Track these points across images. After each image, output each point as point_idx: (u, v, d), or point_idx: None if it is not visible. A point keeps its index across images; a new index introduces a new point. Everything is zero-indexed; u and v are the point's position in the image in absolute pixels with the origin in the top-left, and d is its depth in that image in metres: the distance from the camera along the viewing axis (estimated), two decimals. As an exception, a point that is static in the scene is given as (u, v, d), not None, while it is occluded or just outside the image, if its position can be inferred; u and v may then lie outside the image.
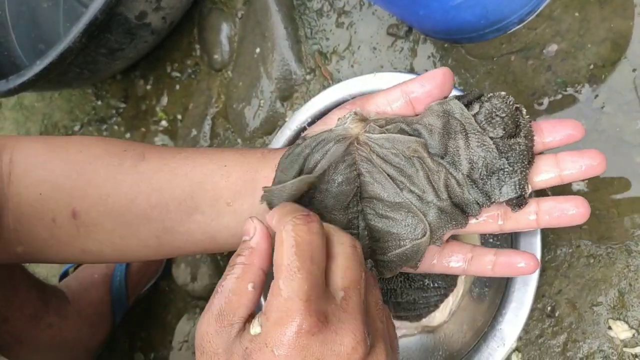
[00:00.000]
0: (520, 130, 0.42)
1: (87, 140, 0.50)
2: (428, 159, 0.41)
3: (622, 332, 0.59)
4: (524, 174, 0.41)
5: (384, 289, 0.65)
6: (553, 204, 0.42)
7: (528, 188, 0.42)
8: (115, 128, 1.03)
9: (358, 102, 0.45)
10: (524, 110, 0.42)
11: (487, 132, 0.41)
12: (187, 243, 0.48)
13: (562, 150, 0.43)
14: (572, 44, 0.66)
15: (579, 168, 0.42)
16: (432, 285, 0.66)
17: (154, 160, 0.47)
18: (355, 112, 0.43)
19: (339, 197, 0.42)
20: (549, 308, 0.63)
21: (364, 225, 0.43)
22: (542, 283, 0.63)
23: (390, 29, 0.77)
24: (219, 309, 0.36)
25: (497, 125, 0.41)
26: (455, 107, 0.41)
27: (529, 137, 0.42)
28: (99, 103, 1.06)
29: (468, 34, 0.69)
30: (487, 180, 0.41)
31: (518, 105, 0.42)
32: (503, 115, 0.41)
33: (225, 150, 0.48)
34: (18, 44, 1.04)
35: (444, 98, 0.43)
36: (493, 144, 0.40)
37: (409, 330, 0.66)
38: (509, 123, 0.41)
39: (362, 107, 0.44)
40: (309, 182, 0.42)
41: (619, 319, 0.60)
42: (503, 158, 0.40)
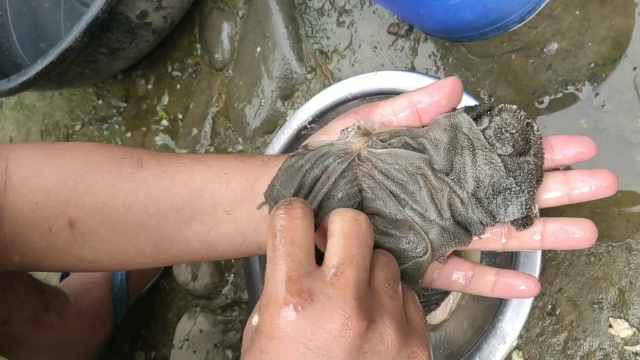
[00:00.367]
0: (530, 148, 0.40)
1: (84, 147, 0.49)
2: (431, 177, 0.40)
3: (622, 330, 0.59)
4: (532, 194, 0.40)
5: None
6: (559, 226, 0.41)
7: (535, 208, 0.40)
8: (116, 127, 1.03)
9: (362, 111, 0.43)
10: (535, 126, 0.41)
11: (495, 148, 0.39)
12: (185, 252, 0.47)
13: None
14: (572, 43, 0.66)
15: (589, 188, 0.40)
16: (430, 291, 0.66)
17: (152, 168, 0.47)
18: (359, 125, 0.42)
19: None
20: (550, 306, 0.63)
21: None
22: (542, 281, 0.63)
23: (391, 28, 0.77)
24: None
25: (506, 142, 0.39)
26: (464, 121, 0.40)
27: (539, 155, 0.40)
28: (100, 102, 1.06)
29: (468, 33, 0.69)
30: (492, 200, 0.40)
31: (529, 121, 0.41)
32: (513, 132, 0.39)
33: (225, 157, 0.47)
34: (19, 44, 1.05)
35: (453, 109, 0.42)
36: (501, 162, 0.39)
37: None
38: (519, 140, 0.40)
39: (366, 116, 0.43)
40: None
41: (620, 317, 0.60)
42: (511, 177, 0.39)
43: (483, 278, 0.44)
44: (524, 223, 0.40)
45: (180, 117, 0.96)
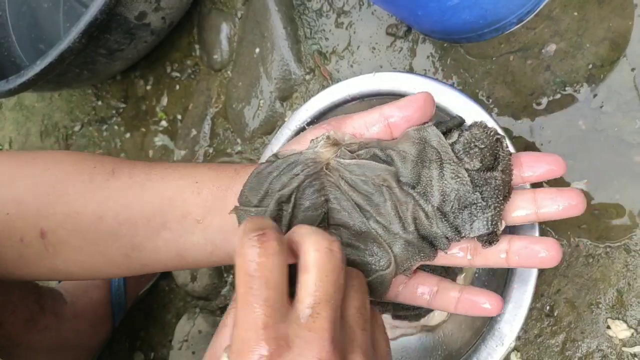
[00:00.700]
0: (499, 164, 0.40)
1: (56, 156, 0.49)
2: (396, 189, 0.39)
3: (620, 331, 0.59)
4: (498, 210, 0.40)
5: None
6: (524, 245, 0.41)
7: (501, 225, 0.40)
8: (116, 128, 1.03)
9: (333, 122, 0.43)
10: (505, 143, 0.41)
11: (463, 163, 0.39)
12: (155, 261, 0.47)
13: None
14: (571, 44, 0.66)
15: (557, 208, 0.40)
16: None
17: (124, 177, 0.46)
18: (329, 135, 0.41)
19: (305, 222, 0.41)
20: (548, 307, 0.63)
21: None
22: (540, 282, 0.64)
23: (390, 29, 0.77)
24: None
25: (474, 157, 0.39)
26: (433, 134, 0.40)
27: (507, 171, 0.40)
28: (99, 103, 1.06)
29: (466, 34, 0.69)
30: (458, 214, 0.39)
31: (499, 136, 0.41)
32: (482, 147, 0.39)
33: (198, 166, 0.47)
34: (18, 44, 1.05)
35: (424, 123, 0.41)
36: (468, 177, 0.39)
37: (408, 330, 0.67)
38: (487, 155, 0.39)
39: (337, 128, 0.42)
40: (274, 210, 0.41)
41: (618, 319, 0.60)
42: (477, 192, 0.39)
43: (447, 294, 0.43)
44: (490, 239, 0.40)
45: (180, 117, 0.96)
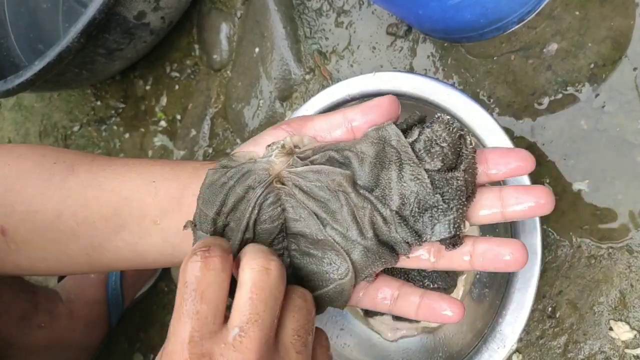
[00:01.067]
0: (461, 163, 0.38)
1: (16, 151, 0.48)
2: (352, 194, 0.37)
3: (623, 333, 0.59)
4: (460, 212, 0.37)
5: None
6: (489, 247, 0.39)
7: (464, 227, 0.38)
8: (115, 128, 1.03)
9: (295, 123, 0.41)
10: (469, 139, 0.39)
11: (424, 162, 0.37)
12: (117, 261, 0.46)
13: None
14: (572, 43, 0.65)
15: (523, 207, 0.38)
16: (431, 287, 0.65)
17: (83, 174, 0.46)
18: (283, 144, 0.40)
19: (262, 235, 0.40)
20: (550, 309, 0.63)
21: (289, 263, 0.41)
22: (542, 284, 0.63)
23: (390, 29, 0.77)
24: None
25: (435, 156, 0.37)
26: (392, 133, 0.38)
27: (470, 170, 0.38)
28: (98, 103, 1.06)
29: (467, 33, 0.69)
30: (418, 218, 0.37)
31: (462, 133, 0.38)
32: (444, 145, 0.37)
33: (156, 164, 0.46)
34: (17, 44, 1.04)
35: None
36: (428, 178, 0.37)
37: (409, 331, 0.66)
38: (449, 154, 0.37)
39: (298, 129, 0.41)
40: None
41: (621, 320, 0.59)
42: (438, 194, 0.37)
43: (408, 299, 0.42)
44: (453, 242, 0.38)
45: (179, 118, 0.95)
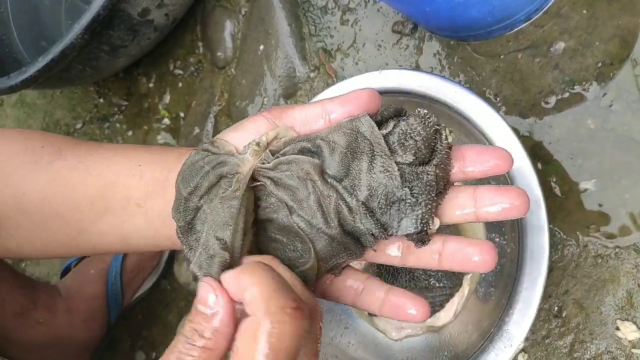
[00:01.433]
0: (434, 157, 0.38)
1: (4, 135, 0.49)
2: (319, 182, 0.37)
3: (630, 332, 0.58)
4: (429, 208, 0.37)
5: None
6: (458, 247, 0.38)
7: (433, 223, 0.38)
8: (118, 126, 1.03)
9: (275, 111, 0.41)
10: (445, 134, 0.38)
11: (396, 155, 0.37)
12: (101, 244, 0.46)
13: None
14: (579, 42, 0.65)
15: (497, 208, 0.37)
16: (437, 285, 0.65)
17: (70, 158, 0.46)
18: (258, 142, 0.39)
19: (225, 216, 0.39)
20: (556, 308, 0.62)
21: (257, 249, 0.40)
22: (548, 283, 0.63)
23: (396, 26, 0.76)
24: None
25: (408, 149, 0.37)
26: (366, 123, 0.38)
27: (442, 166, 0.38)
28: (101, 101, 1.05)
29: (474, 31, 0.68)
30: (385, 210, 0.37)
31: (438, 127, 0.38)
32: (418, 138, 0.37)
33: (142, 148, 0.47)
34: (20, 41, 1.04)
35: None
36: (397, 171, 0.37)
37: (414, 330, 0.66)
38: (422, 148, 0.37)
39: (277, 117, 0.41)
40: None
41: (627, 320, 0.59)
42: (406, 187, 0.37)
43: (373, 293, 0.42)
44: (420, 239, 0.37)
45: (182, 115, 0.95)
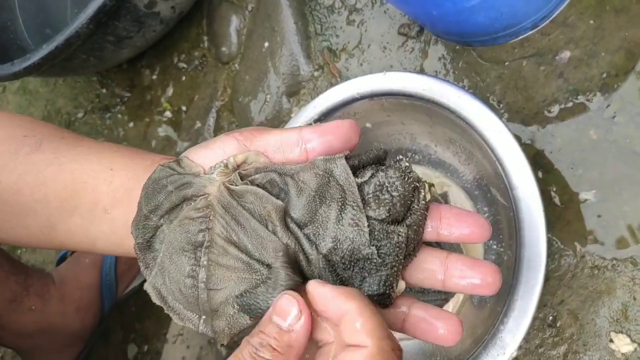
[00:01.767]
0: (408, 217, 0.35)
1: None
2: (278, 227, 0.35)
3: (623, 345, 0.58)
4: (394, 270, 0.35)
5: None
6: (423, 317, 0.36)
7: (396, 286, 0.35)
8: (119, 117, 1.02)
9: (247, 132, 0.39)
10: (424, 193, 0.36)
11: (368, 208, 0.35)
12: (71, 243, 0.46)
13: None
14: (585, 52, 0.65)
15: (465, 283, 0.36)
16: (432, 290, 0.65)
17: (48, 152, 0.46)
18: (226, 164, 0.37)
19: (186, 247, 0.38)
20: (551, 318, 0.62)
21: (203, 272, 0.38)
22: (544, 292, 0.63)
23: (402, 29, 0.76)
24: None
25: (382, 204, 0.34)
26: (340, 168, 0.35)
27: (415, 227, 0.35)
28: (104, 91, 1.05)
29: (480, 37, 0.68)
30: (348, 267, 0.35)
31: (418, 185, 0.36)
32: (395, 194, 0.35)
33: (120, 150, 0.46)
34: (25, 28, 1.04)
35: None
36: (367, 227, 0.34)
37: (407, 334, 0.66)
38: (398, 205, 0.35)
39: (249, 139, 0.39)
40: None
41: (621, 332, 0.59)
42: (373, 246, 0.34)
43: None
44: (381, 301, 0.35)
45: (184, 109, 0.95)
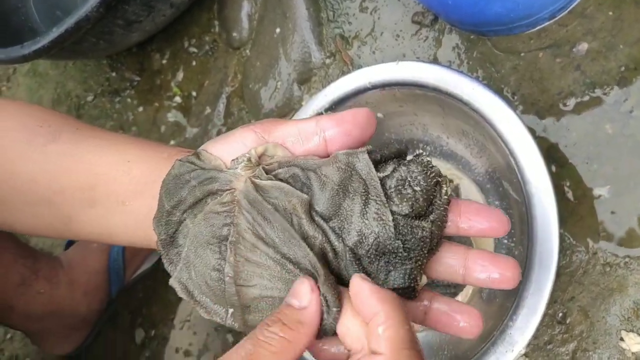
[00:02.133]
0: (432, 212, 0.36)
1: (4, 108, 0.48)
2: (304, 220, 0.35)
3: (634, 344, 0.57)
4: (419, 264, 0.35)
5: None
6: (444, 310, 0.37)
7: (420, 279, 0.36)
8: (129, 101, 1.02)
9: (265, 125, 0.39)
10: (445, 188, 0.36)
11: (391, 203, 0.35)
12: (89, 234, 0.46)
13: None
14: (603, 44, 0.63)
15: (486, 276, 0.36)
16: (440, 284, 0.65)
17: (65, 143, 0.46)
18: (249, 157, 0.37)
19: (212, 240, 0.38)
20: (560, 314, 0.61)
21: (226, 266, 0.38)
22: (555, 288, 0.61)
23: (415, 17, 0.75)
24: None
25: (405, 199, 0.35)
26: (363, 162, 0.35)
27: (438, 223, 0.36)
28: (114, 75, 1.05)
29: (496, 27, 0.67)
30: (374, 260, 0.35)
31: (440, 180, 0.36)
32: (417, 189, 0.35)
33: (136, 143, 0.46)
34: (35, 10, 1.03)
35: (363, 145, 0.37)
36: (392, 222, 0.34)
37: (415, 327, 0.65)
38: (420, 200, 0.35)
39: (267, 131, 0.39)
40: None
41: (632, 331, 0.58)
42: (399, 240, 0.34)
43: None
44: (406, 294, 0.36)
45: (194, 94, 0.94)
